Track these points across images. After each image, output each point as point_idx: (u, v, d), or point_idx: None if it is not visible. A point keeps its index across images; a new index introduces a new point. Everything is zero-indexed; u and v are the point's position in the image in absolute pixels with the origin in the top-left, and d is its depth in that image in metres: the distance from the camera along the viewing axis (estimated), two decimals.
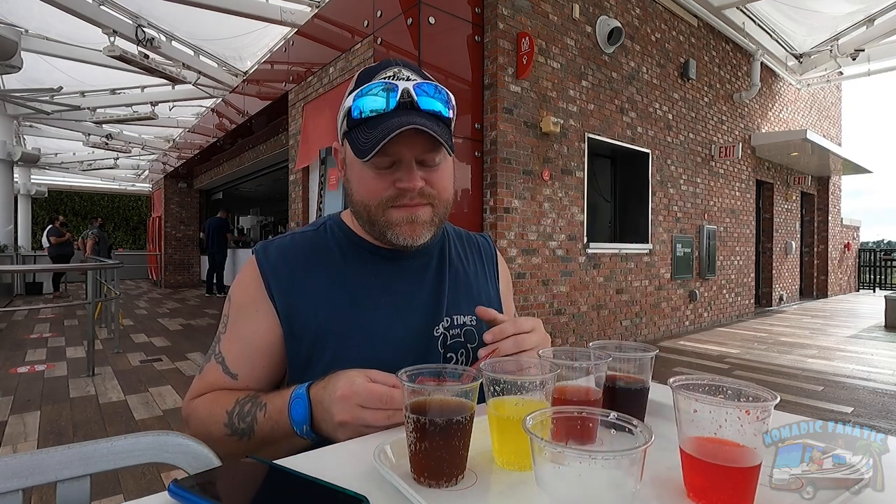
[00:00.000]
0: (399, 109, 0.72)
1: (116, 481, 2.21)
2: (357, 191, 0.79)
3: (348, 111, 0.74)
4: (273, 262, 0.80)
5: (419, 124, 0.69)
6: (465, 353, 0.86)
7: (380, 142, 0.68)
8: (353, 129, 0.75)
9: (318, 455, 0.58)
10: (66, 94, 8.64)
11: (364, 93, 0.72)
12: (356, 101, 0.73)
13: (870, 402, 3.49)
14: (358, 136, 0.73)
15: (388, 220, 0.77)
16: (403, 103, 0.72)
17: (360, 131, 0.73)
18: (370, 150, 0.69)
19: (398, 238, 0.78)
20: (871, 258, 13.25)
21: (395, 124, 0.69)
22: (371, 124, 0.72)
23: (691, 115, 6.50)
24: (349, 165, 0.80)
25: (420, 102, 0.72)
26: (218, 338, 0.81)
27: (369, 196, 0.77)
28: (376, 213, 0.77)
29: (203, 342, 5.48)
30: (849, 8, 7.02)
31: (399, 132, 0.68)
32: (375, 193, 0.76)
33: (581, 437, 0.46)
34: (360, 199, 0.78)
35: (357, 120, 0.73)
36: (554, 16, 4.64)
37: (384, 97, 0.72)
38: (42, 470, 0.57)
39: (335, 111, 0.83)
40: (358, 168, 0.77)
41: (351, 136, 0.75)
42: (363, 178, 0.77)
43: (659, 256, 5.99)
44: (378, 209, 0.77)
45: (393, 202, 0.76)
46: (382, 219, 0.77)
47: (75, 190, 18.80)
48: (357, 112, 0.73)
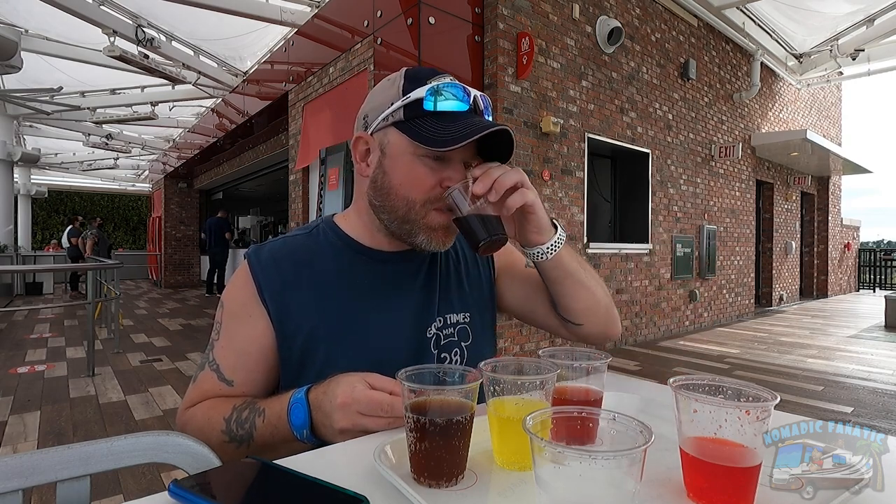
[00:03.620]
0: (473, 112, 0.75)
1: (116, 481, 2.21)
2: (401, 184, 0.76)
3: (416, 101, 0.73)
4: (265, 266, 0.79)
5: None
6: (459, 352, 0.85)
7: (468, 137, 0.69)
8: (417, 120, 0.74)
9: (318, 455, 0.58)
10: (66, 94, 8.64)
11: (438, 88, 0.73)
12: (429, 93, 0.73)
13: (870, 402, 3.49)
14: (427, 127, 0.72)
15: (427, 222, 0.76)
16: (474, 108, 0.75)
17: (429, 123, 0.73)
18: (453, 143, 0.69)
19: (430, 243, 0.77)
20: (871, 258, 13.25)
21: (481, 124, 0.71)
22: (447, 118, 0.73)
23: (691, 115, 6.50)
24: (392, 157, 0.76)
25: (485, 112, 0.76)
26: (211, 345, 0.80)
27: (415, 190, 0.75)
28: (419, 212, 0.76)
29: (203, 342, 5.48)
30: (849, 8, 7.02)
31: (494, 129, 0.70)
32: (423, 189, 0.75)
33: (581, 437, 0.46)
34: (403, 193, 0.76)
35: (428, 111, 0.73)
36: (554, 16, 4.64)
37: (462, 98, 0.74)
38: (42, 470, 0.57)
39: (335, 111, 0.83)
40: (406, 161, 0.75)
41: (413, 127, 0.74)
42: (411, 171, 0.75)
43: (659, 256, 5.99)
44: (422, 208, 0.76)
45: (436, 203, 0.75)
46: (423, 220, 0.76)
47: (75, 190, 18.79)
48: (431, 104, 0.73)
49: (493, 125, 0.70)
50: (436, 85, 0.73)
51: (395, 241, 0.84)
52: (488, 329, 0.93)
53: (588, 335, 0.88)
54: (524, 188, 0.72)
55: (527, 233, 0.76)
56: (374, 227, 0.83)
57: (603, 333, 0.89)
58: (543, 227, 0.76)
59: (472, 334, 0.88)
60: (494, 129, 0.70)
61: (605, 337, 0.89)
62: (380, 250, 0.84)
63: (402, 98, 0.74)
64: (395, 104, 0.75)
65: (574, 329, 0.88)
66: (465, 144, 0.69)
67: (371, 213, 0.82)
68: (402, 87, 0.75)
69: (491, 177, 0.70)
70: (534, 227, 0.76)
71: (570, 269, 0.80)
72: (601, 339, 0.89)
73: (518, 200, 0.71)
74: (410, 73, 0.77)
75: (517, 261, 0.97)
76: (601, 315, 0.86)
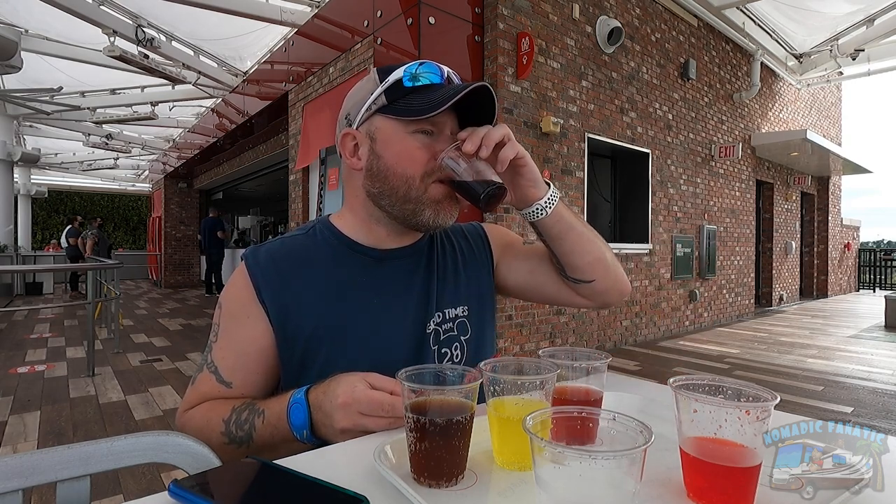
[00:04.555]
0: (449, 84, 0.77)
1: (116, 481, 2.21)
2: (397, 163, 0.77)
3: (396, 83, 0.75)
4: (263, 267, 0.79)
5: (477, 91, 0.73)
6: (459, 346, 0.85)
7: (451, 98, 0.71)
8: (400, 100, 0.76)
9: (318, 455, 0.58)
10: (66, 94, 8.63)
11: (414, 68, 0.75)
12: (406, 73, 0.75)
13: (870, 402, 3.49)
14: (411, 102, 0.75)
15: (430, 196, 0.77)
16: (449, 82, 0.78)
17: (412, 98, 0.75)
18: (438, 107, 0.71)
19: (437, 217, 0.78)
20: (871, 258, 13.25)
21: (461, 87, 0.73)
22: (427, 91, 0.75)
23: (691, 115, 6.50)
24: (383, 141, 0.77)
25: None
26: (209, 346, 0.80)
27: (413, 166, 0.76)
28: (419, 187, 0.76)
29: (203, 342, 5.47)
30: (849, 8, 7.02)
31: (472, 87, 0.71)
32: (419, 163, 0.76)
33: (581, 437, 0.46)
34: (401, 171, 0.76)
35: (409, 88, 0.75)
36: (554, 16, 4.64)
37: (437, 72, 0.77)
38: (42, 470, 0.57)
39: (335, 111, 0.83)
40: (397, 140, 0.76)
41: (397, 107, 0.76)
42: (405, 148, 0.76)
43: (659, 256, 5.99)
44: (422, 182, 0.76)
45: (435, 175, 0.77)
46: (425, 195, 0.77)
47: (75, 190, 18.79)
48: (409, 81, 0.75)
49: (474, 83, 0.72)
50: (409, 65, 0.76)
51: (393, 236, 0.84)
52: (488, 323, 0.92)
53: (602, 291, 0.86)
54: (511, 141, 0.73)
55: (522, 188, 0.77)
56: (372, 221, 0.83)
57: (615, 288, 0.87)
58: (538, 180, 0.77)
59: (471, 328, 0.87)
60: (476, 86, 0.72)
61: (619, 293, 0.88)
62: (377, 248, 0.84)
63: (381, 84, 0.76)
64: (376, 92, 0.77)
65: (587, 288, 0.85)
66: (450, 105, 0.71)
67: (368, 207, 0.82)
68: (378, 78, 0.77)
69: (478, 134, 0.71)
70: (529, 181, 0.76)
71: (571, 222, 0.81)
72: (615, 295, 0.88)
73: (509, 152, 0.72)
74: (382, 69, 0.79)
75: (514, 241, 0.98)
76: (610, 267, 0.85)
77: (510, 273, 0.94)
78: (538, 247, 0.91)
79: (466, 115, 0.78)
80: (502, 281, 0.95)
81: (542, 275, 0.90)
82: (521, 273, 0.93)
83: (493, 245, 0.96)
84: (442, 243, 0.92)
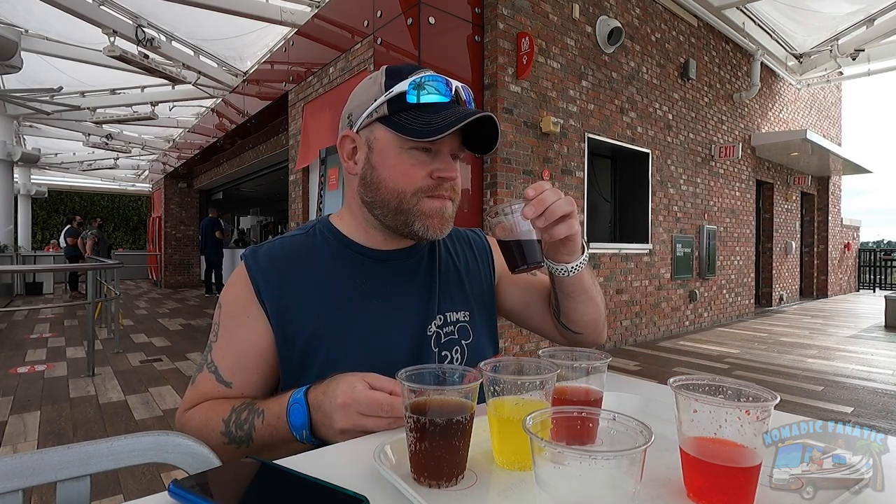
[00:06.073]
0: (455, 103, 0.76)
1: (116, 481, 2.21)
2: (390, 177, 0.77)
3: (399, 95, 0.74)
4: (262, 268, 0.79)
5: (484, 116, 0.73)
6: (459, 350, 0.85)
7: (451, 126, 0.70)
8: (402, 113, 0.75)
9: (318, 455, 0.58)
10: (66, 94, 8.64)
11: (420, 82, 0.74)
12: (411, 86, 0.74)
13: (870, 402, 3.49)
14: (411, 120, 0.74)
15: (421, 209, 0.77)
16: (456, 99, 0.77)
17: (413, 115, 0.74)
18: (437, 133, 0.70)
19: (427, 230, 0.78)
20: (871, 258, 13.26)
21: (465, 112, 0.72)
22: (431, 110, 0.74)
23: (691, 115, 6.50)
24: (380, 152, 0.78)
25: (467, 102, 0.78)
26: (209, 346, 0.80)
27: (406, 182, 0.76)
28: (410, 202, 0.77)
29: (203, 342, 5.47)
30: (849, 8, 7.02)
31: (478, 116, 0.71)
32: (413, 180, 0.76)
33: (581, 437, 0.45)
34: (393, 186, 0.77)
35: (411, 104, 0.74)
36: (554, 16, 4.64)
37: (444, 90, 0.75)
38: (42, 470, 0.57)
39: (335, 111, 0.83)
40: (393, 155, 0.76)
41: (398, 121, 0.75)
42: (400, 164, 0.76)
43: (659, 256, 5.99)
44: (413, 197, 0.77)
45: (427, 192, 0.77)
46: (415, 208, 0.77)
47: (75, 190, 18.80)
48: (414, 97, 0.74)
49: (476, 112, 0.72)
50: (417, 78, 0.74)
51: (391, 239, 0.84)
52: (489, 327, 0.93)
53: (581, 342, 0.91)
54: (572, 219, 0.72)
55: (559, 254, 0.77)
56: (368, 224, 0.83)
57: (595, 341, 0.92)
58: (576, 251, 0.77)
59: (472, 332, 0.87)
60: (479, 116, 0.71)
61: (595, 344, 0.93)
62: (377, 249, 0.84)
63: (385, 93, 0.75)
64: (379, 100, 0.76)
65: (571, 336, 0.90)
66: (450, 133, 0.71)
67: (364, 211, 0.83)
68: (384, 83, 0.76)
69: (544, 203, 0.69)
70: (567, 251, 0.76)
71: (587, 287, 0.82)
72: (591, 345, 0.92)
73: (564, 231, 0.71)
74: (391, 70, 0.78)
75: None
76: (600, 327, 0.90)
77: (507, 298, 0.97)
78: (539, 281, 0.94)
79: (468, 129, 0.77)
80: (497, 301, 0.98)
81: (535, 312, 0.95)
82: (517, 304, 0.97)
83: (497, 264, 0.97)
84: (445, 247, 0.92)
